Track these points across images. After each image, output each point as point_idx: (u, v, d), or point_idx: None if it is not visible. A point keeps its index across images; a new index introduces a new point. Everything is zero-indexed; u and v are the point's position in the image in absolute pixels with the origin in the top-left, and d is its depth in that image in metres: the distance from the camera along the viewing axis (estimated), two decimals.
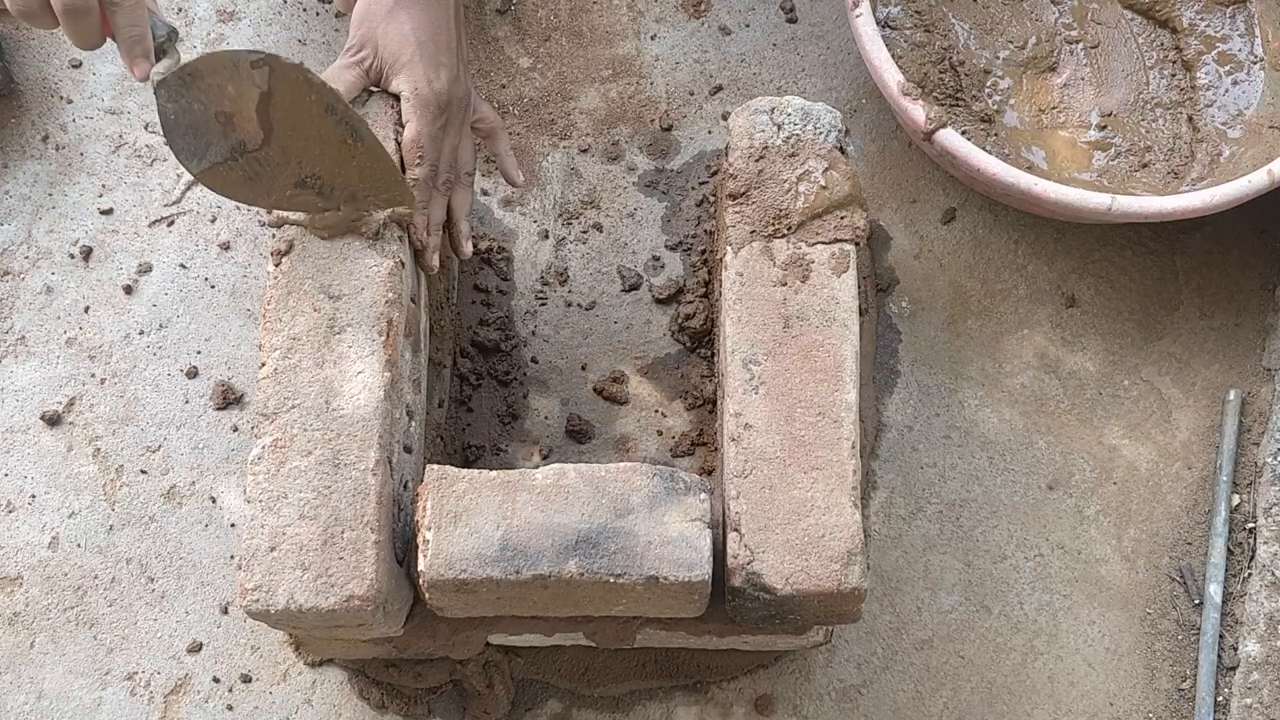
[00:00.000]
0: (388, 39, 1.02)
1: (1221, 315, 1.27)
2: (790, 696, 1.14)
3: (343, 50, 1.04)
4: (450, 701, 1.14)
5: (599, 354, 1.24)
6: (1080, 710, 1.14)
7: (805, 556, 0.94)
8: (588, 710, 1.14)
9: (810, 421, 0.97)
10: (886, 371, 1.24)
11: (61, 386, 1.22)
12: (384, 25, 1.02)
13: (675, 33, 1.36)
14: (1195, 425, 1.23)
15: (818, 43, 1.36)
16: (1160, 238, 1.29)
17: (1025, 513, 1.20)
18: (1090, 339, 1.25)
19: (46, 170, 1.29)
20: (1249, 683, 1.13)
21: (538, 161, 1.31)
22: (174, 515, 1.18)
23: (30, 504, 1.18)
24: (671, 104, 1.33)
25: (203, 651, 1.14)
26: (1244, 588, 1.16)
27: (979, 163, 1.15)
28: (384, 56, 1.03)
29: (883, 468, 1.21)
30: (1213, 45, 1.30)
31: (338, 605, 0.91)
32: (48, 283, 1.25)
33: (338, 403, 0.96)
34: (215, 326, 1.24)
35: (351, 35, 1.04)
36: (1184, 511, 1.20)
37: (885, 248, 1.28)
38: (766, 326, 1.00)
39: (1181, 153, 1.25)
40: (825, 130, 1.06)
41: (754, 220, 1.04)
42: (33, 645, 1.14)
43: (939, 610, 1.17)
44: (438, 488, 0.94)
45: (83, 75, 1.33)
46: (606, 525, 0.93)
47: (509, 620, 1.02)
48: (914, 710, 1.14)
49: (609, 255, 1.27)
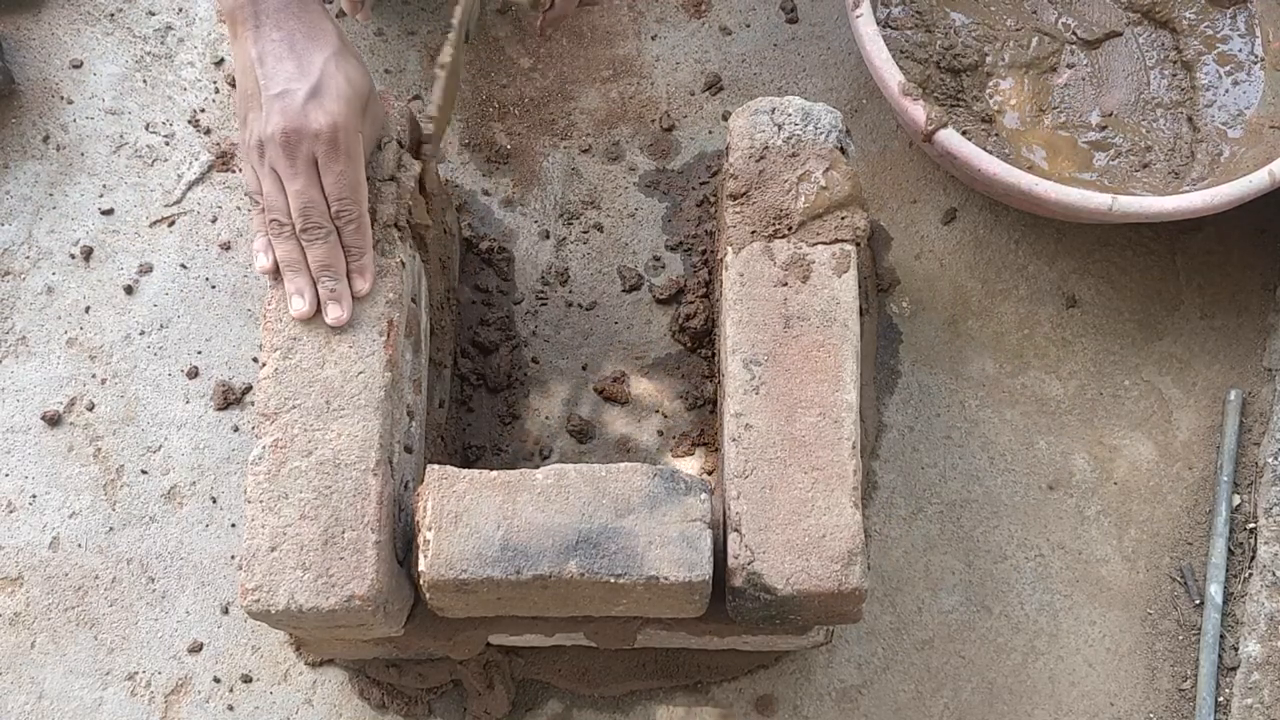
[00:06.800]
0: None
1: (1222, 315, 1.27)
2: (791, 697, 1.14)
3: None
4: (450, 701, 1.14)
5: (600, 354, 1.24)
6: (1081, 710, 1.14)
7: (806, 557, 0.94)
8: (588, 710, 1.14)
9: (811, 422, 0.97)
10: (887, 371, 1.24)
11: (62, 386, 1.22)
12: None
13: (675, 33, 1.36)
14: (1196, 425, 1.23)
15: (818, 43, 1.36)
16: (1161, 238, 1.29)
17: (1026, 513, 1.20)
18: (1091, 339, 1.25)
19: (47, 170, 1.29)
20: (1250, 683, 1.13)
21: (538, 161, 1.31)
22: (174, 515, 1.18)
23: (31, 504, 1.18)
24: (672, 104, 1.33)
25: (203, 651, 1.14)
26: (1245, 588, 1.16)
27: (979, 163, 1.15)
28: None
29: (883, 468, 1.21)
30: (1213, 45, 1.30)
31: (338, 605, 0.91)
32: (48, 283, 1.25)
33: (338, 403, 0.96)
34: (216, 327, 1.24)
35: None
36: (1185, 512, 1.20)
37: (886, 248, 1.28)
38: (767, 327, 1.00)
39: (1182, 153, 1.25)
40: (826, 130, 1.06)
41: (754, 220, 1.04)
42: (33, 645, 1.14)
43: (939, 610, 1.17)
44: (438, 488, 0.94)
45: (83, 75, 1.33)
46: (607, 525, 0.93)
47: (509, 620, 1.02)
48: (915, 710, 1.14)
49: (610, 255, 1.27)
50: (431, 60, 1.34)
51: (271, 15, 0.97)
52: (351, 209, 0.97)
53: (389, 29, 1.36)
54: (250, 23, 0.97)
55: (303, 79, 0.96)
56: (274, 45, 0.97)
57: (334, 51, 0.98)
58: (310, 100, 0.95)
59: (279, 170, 0.96)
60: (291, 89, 0.95)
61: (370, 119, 1.00)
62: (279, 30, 0.97)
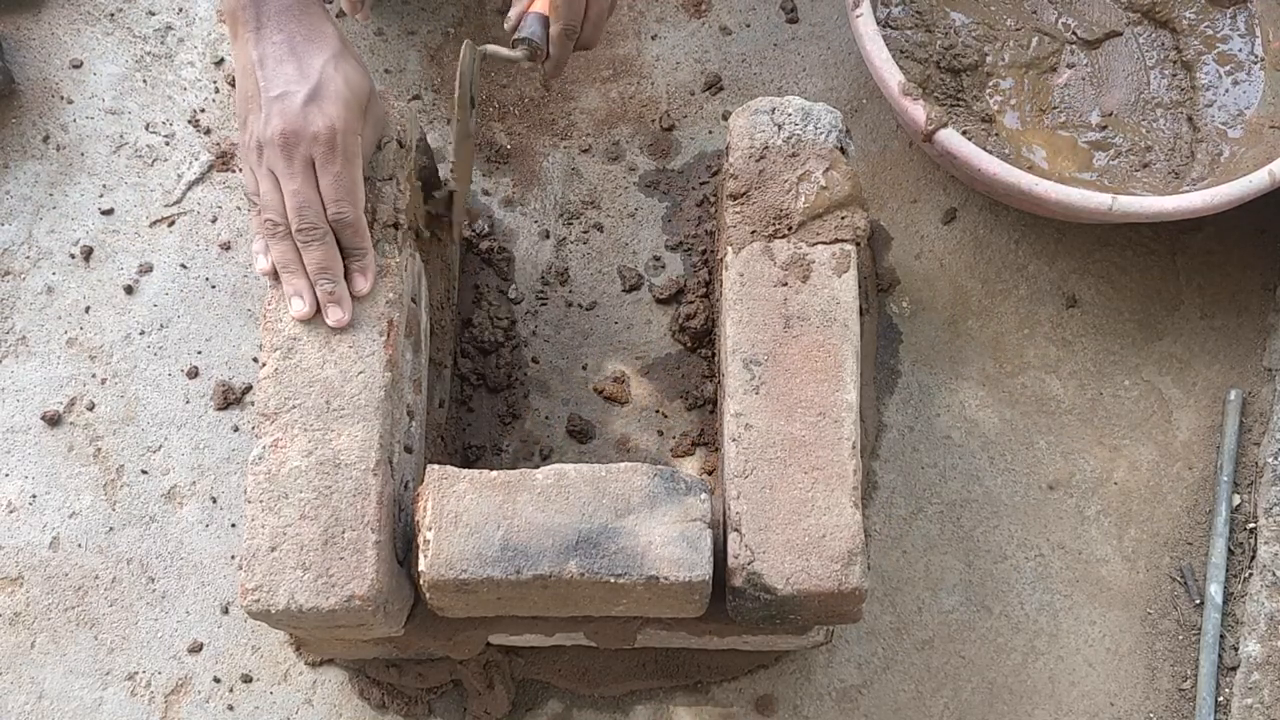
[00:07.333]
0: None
1: (1222, 315, 1.27)
2: (791, 697, 1.14)
3: None
4: (451, 701, 1.14)
5: (599, 354, 1.24)
6: (1081, 710, 1.14)
7: (806, 556, 0.94)
8: (588, 710, 1.14)
9: (811, 421, 0.97)
10: (887, 371, 1.24)
11: (62, 386, 1.22)
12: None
13: (675, 33, 1.36)
14: (1196, 425, 1.23)
15: (818, 43, 1.36)
16: (1161, 238, 1.29)
17: (1026, 513, 1.20)
18: (1090, 339, 1.25)
19: (47, 170, 1.29)
20: (1250, 683, 1.13)
21: (538, 161, 1.31)
22: (175, 515, 1.18)
23: (31, 504, 1.18)
24: (672, 104, 1.33)
25: (203, 651, 1.14)
26: (1245, 588, 1.16)
27: (979, 163, 1.15)
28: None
29: (883, 468, 1.21)
30: (1213, 45, 1.30)
31: (338, 605, 0.91)
32: (48, 283, 1.25)
33: (338, 403, 0.96)
34: (216, 327, 1.24)
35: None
36: (1185, 511, 1.20)
37: (886, 248, 1.28)
38: (767, 327, 1.00)
39: (1182, 153, 1.25)
40: (826, 130, 1.06)
41: (754, 220, 1.04)
42: (33, 645, 1.14)
43: (940, 610, 1.17)
44: (438, 488, 0.94)
45: (83, 75, 1.33)
46: (607, 525, 0.93)
47: (509, 620, 1.02)
48: (915, 710, 1.14)
49: (610, 255, 1.27)
50: (431, 60, 1.34)
51: (273, 17, 0.97)
52: (348, 211, 0.97)
53: (389, 29, 1.36)
54: (251, 24, 0.97)
55: (303, 81, 0.96)
56: (275, 47, 0.97)
57: (334, 54, 0.98)
58: (310, 103, 0.95)
59: (276, 171, 0.96)
60: (291, 91, 0.95)
61: (370, 121, 1.00)
62: (280, 32, 0.97)
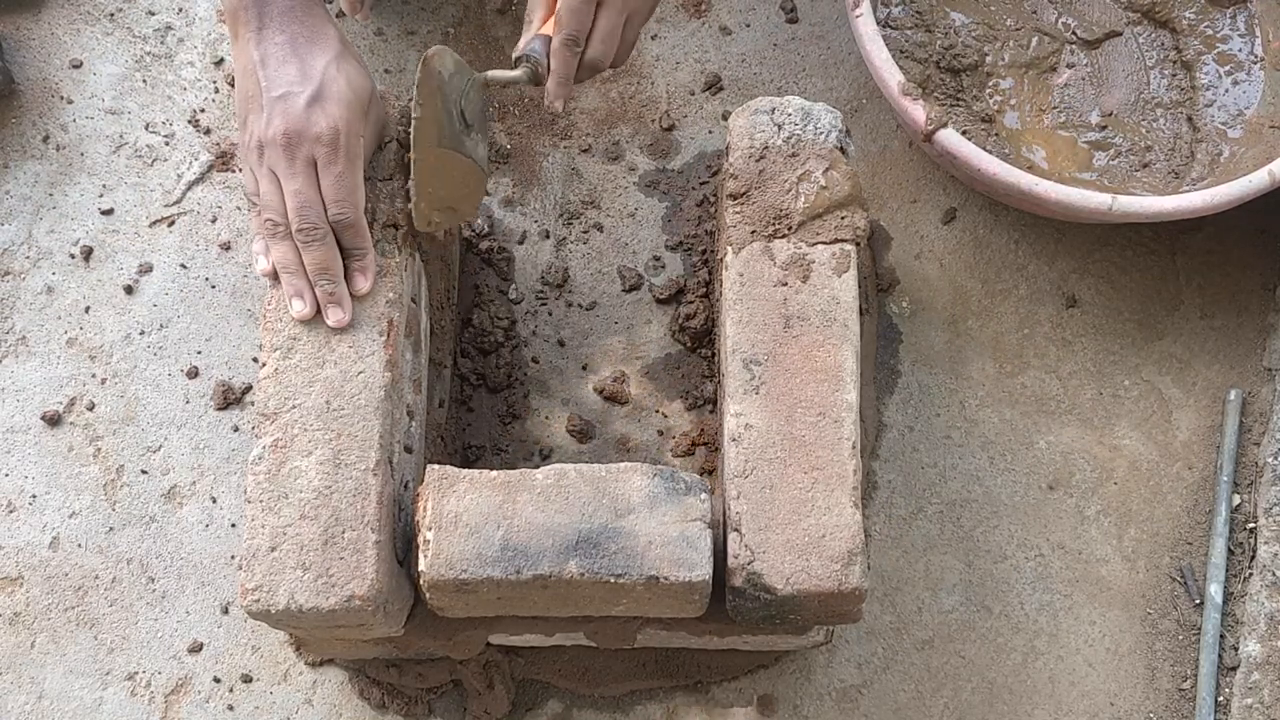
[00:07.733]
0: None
1: (1222, 315, 1.27)
2: (791, 696, 1.14)
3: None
4: (451, 701, 1.14)
5: (599, 354, 1.24)
6: (1081, 710, 1.14)
7: (806, 556, 0.94)
8: (588, 710, 1.14)
9: (811, 421, 0.97)
10: (887, 371, 1.24)
11: (62, 386, 1.22)
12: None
13: (675, 33, 1.36)
14: (1196, 425, 1.23)
15: (818, 43, 1.36)
16: (1161, 238, 1.29)
17: (1026, 513, 1.20)
18: (1090, 339, 1.25)
19: (47, 170, 1.29)
20: (1250, 683, 1.13)
21: (538, 161, 1.31)
22: (175, 515, 1.18)
23: (31, 504, 1.18)
24: (672, 104, 1.33)
25: (203, 651, 1.14)
26: (1245, 588, 1.16)
27: (979, 163, 1.15)
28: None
29: (883, 468, 1.21)
30: (1213, 45, 1.30)
31: (338, 605, 0.91)
32: (48, 283, 1.25)
33: (338, 403, 0.96)
34: (216, 327, 1.24)
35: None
36: (1185, 511, 1.20)
37: (886, 248, 1.28)
38: (767, 327, 1.00)
39: (1182, 153, 1.25)
40: (826, 130, 1.06)
41: (754, 220, 1.04)
42: (33, 645, 1.14)
43: (939, 610, 1.17)
44: (438, 488, 0.94)
45: (83, 75, 1.33)
46: (607, 525, 0.93)
47: (509, 620, 1.02)
48: (915, 710, 1.14)
49: (609, 255, 1.27)
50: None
51: (275, 18, 0.97)
52: (348, 212, 0.97)
53: (389, 29, 1.36)
54: (253, 25, 0.97)
55: (305, 82, 0.96)
56: (276, 48, 0.97)
57: (336, 55, 0.98)
58: (312, 104, 0.95)
59: (277, 171, 0.96)
60: (293, 92, 0.95)
61: (371, 121, 1.00)
62: (282, 33, 0.97)
